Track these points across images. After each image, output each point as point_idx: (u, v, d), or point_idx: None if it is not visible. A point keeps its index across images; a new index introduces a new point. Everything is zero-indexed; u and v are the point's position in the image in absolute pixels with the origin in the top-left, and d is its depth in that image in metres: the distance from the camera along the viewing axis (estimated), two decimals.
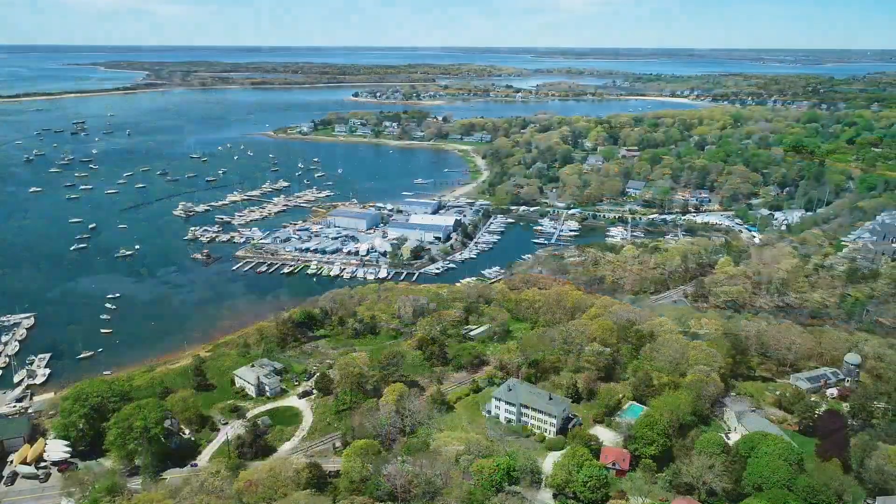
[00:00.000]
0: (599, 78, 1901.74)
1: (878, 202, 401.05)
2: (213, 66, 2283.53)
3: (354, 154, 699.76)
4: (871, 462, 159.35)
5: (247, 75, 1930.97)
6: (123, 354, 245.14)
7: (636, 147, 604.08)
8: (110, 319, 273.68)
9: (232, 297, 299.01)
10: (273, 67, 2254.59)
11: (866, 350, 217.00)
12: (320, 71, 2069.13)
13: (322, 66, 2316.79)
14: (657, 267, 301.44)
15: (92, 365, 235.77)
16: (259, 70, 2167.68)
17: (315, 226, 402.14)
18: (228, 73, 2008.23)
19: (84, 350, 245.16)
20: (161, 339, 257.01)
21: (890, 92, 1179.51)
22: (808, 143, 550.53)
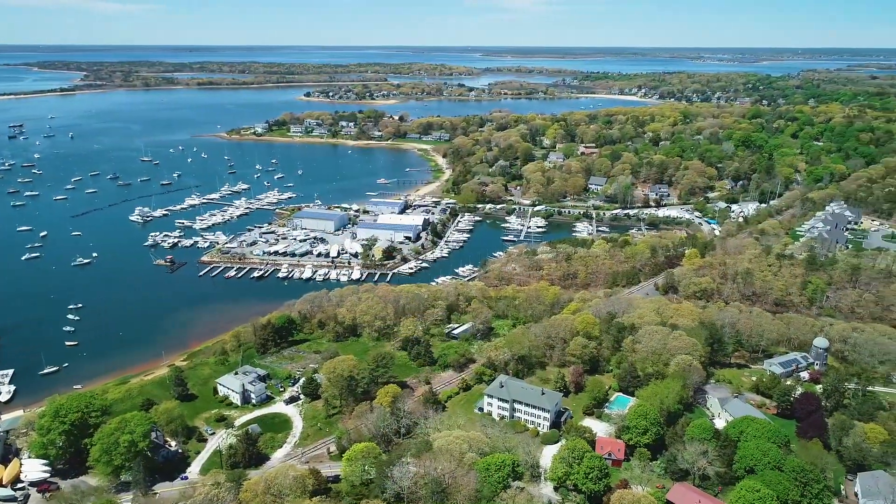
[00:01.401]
0: (549, 76, 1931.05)
1: (826, 193, 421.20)
2: (155, 66, 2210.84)
3: (312, 154, 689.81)
4: (849, 440, 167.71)
5: (192, 75, 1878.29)
6: (92, 367, 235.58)
7: (594, 144, 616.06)
8: (74, 331, 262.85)
9: (202, 304, 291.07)
10: (219, 67, 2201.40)
11: (832, 334, 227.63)
12: (268, 71, 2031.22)
13: (269, 65, 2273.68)
14: (628, 260, 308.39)
15: (59, 380, 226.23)
16: (204, 70, 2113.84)
17: (281, 228, 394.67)
18: (172, 73, 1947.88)
19: (48, 365, 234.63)
20: (132, 349, 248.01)
21: (823, 88, 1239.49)
22: (756, 139, 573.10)
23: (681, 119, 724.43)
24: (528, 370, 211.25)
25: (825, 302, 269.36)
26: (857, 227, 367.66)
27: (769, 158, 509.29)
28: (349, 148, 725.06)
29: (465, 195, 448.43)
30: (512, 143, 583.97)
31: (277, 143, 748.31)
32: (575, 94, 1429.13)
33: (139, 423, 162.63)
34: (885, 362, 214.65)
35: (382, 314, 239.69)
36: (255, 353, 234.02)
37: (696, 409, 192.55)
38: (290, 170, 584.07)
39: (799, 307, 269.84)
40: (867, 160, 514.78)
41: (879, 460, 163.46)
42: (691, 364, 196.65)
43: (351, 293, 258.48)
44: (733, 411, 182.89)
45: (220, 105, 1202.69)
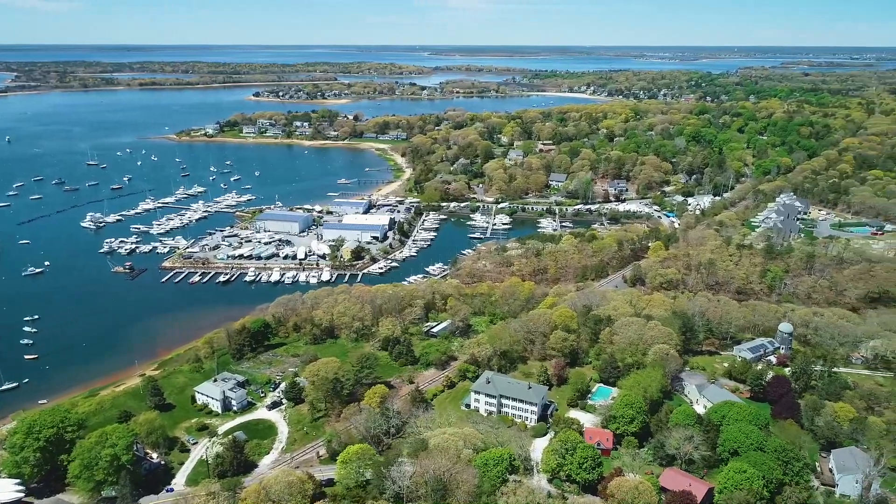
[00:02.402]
0: (499, 75, 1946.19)
1: (776, 185, 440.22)
2: (92, 66, 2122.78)
3: (267, 155, 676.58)
4: (821, 419, 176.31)
5: (133, 76, 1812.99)
6: (57, 381, 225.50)
7: (551, 141, 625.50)
8: (33, 344, 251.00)
9: (169, 311, 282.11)
10: (161, 67, 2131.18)
11: (794, 319, 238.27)
12: (213, 70, 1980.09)
13: (214, 65, 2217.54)
14: (596, 254, 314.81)
15: (21, 396, 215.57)
16: (146, 70, 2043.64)
17: (244, 231, 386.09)
18: (111, 73, 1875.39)
19: (7, 381, 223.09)
20: (98, 360, 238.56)
21: (761, 85, 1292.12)
22: (706, 134, 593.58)
23: (632, 116, 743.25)
24: (510, 365, 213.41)
25: (784, 289, 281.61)
26: (806, 217, 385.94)
27: (719, 153, 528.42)
28: (305, 148, 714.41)
29: (429, 194, 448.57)
30: (471, 142, 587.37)
31: (230, 145, 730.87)
32: (526, 92, 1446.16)
33: (121, 436, 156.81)
34: (844, 344, 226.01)
35: (360, 315, 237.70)
36: (230, 359, 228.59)
37: (675, 397, 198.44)
38: (246, 171, 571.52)
39: (760, 294, 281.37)
40: (809, 153, 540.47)
41: (849, 437, 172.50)
42: (668, 353, 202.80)
43: (326, 295, 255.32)
44: (711, 397, 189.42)
45: (166, 106, 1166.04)
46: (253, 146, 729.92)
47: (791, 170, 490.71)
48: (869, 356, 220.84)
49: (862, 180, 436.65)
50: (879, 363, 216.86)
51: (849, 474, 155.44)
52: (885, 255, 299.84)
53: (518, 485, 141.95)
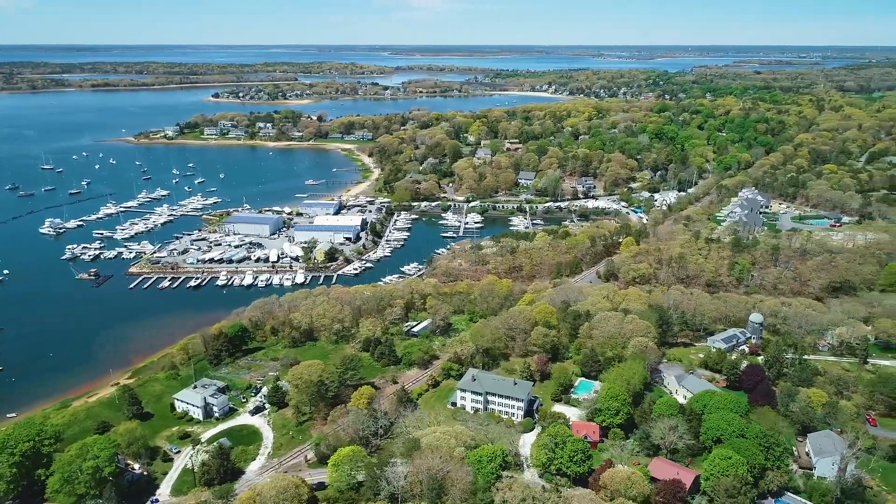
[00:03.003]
0: (461, 74, 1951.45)
1: (737, 180, 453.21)
2: (40, 66, 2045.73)
3: (231, 157, 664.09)
4: (796, 405, 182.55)
5: (84, 77, 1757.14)
6: (24, 393, 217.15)
7: (517, 140, 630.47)
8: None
9: (139, 318, 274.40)
10: (113, 68, 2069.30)
11: (764, 309, 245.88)
12: (169, 71, 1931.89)
13: (169, 65, 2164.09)
14: (569, 251, 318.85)
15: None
16: (97, 71, 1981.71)
17: (213, 235, 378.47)
18: (61, 74, 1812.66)
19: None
20: (67, 370, 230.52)
21: (717, 83, 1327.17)
22: (668, 131, 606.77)
23: (595, 114, 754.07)
24: (492, 362, 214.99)
25: (751, 280, 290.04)
26: (768, 211, 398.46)
27: (682, 150, 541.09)
28: (269, 149, 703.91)
29: (400, 194, 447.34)
30: (439, 141, 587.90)
31: (192, 147, 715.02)
32: (489, 91, 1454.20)
33: (103, 448, 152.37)
34: (811, 332, 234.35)
35: (340, 316, 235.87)
36: (207, 364, 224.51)
37: (655, 388, 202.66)
38: (210, 174, 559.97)
39: (728, 287, 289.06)
40: (766, 149, 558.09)
41: (823, 421, 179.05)
42: (647, 345, 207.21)
43: (304, 297, 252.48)
44: (690, 387, 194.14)
45: (121, 108, 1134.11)
46: (215, 148, 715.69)
47: (750, 165, 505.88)
48: (834, 343, 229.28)
49: (818, 174, 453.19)
50: (844, 349, 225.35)
51: (826, 457, 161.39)
52: (845, 246, 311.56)
53: (512, 480, 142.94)
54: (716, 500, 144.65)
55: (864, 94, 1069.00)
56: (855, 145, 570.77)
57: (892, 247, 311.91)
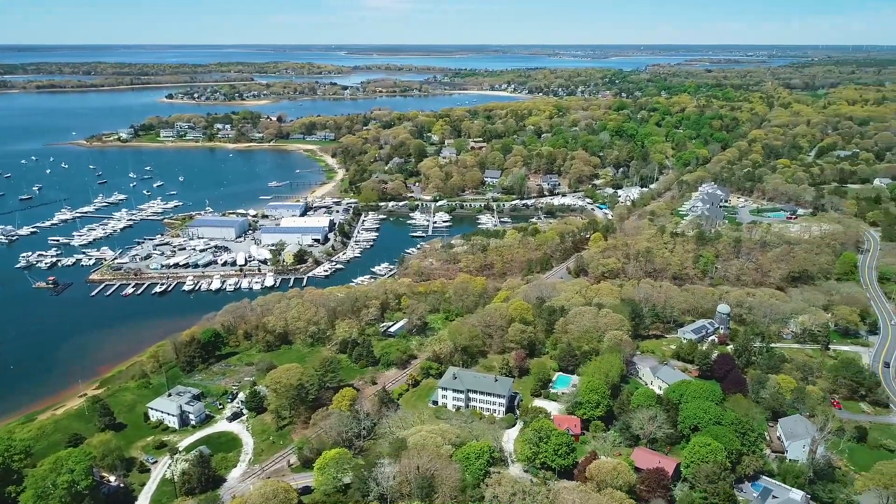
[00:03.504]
0: (419, 74, 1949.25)
1: (697, 175, 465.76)
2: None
3: (189, 160, 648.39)
4: (766, 392, 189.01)
5: (28, 78, 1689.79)
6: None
7: (480, 138, 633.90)
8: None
9: (104, 326, 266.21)
10: (59, 68, 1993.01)
11: (730, 300, 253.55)
12: (119, 72, 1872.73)
13: (119, 65, 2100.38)
14: (539, 248, 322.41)
15: None
16: (42, 71, 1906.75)
17: (176, 239, 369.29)
18: (3, 75, 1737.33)
19: None
20: (30, 383, 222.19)
21: (670, 81, 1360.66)
22: (628, 129, 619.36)
23: (556, 112, 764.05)
24: (471, 360, 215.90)
25: (715, 273, 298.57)
26: (727, 205, 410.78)
27: (642, 146, 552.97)
28: (229, 151, 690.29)
29: (367, 194, 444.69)
30: (403, 141, 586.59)
31: (147, 149, 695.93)
32: (448, 90, 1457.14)
33: (78, 461, 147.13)
34: (775, 321, 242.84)
35: (315, 319, 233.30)
36: (179, 372, 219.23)
37: (631, 380, 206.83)
38: (169, 177, 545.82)
39: (694, 279, 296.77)
40: (722, 145, 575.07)
41: (792, 406, 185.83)
42: (622, 339, 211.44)
43: (277, 300, 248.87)
44: (665, 378, 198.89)
45: (70, 110, 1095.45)
46: (173, 150, 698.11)
47: (708, 161, 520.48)
48: (797, 331, 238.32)
49: (773, 169, 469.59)
50: (807, 337, 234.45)
51: (797, 440, 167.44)
52: (802, 237, 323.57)
53: (501, 476, 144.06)
54: (697, 486, 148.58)
55: (810, 91, 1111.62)
56: (805, 140, 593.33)
57: (845, 237, 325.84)
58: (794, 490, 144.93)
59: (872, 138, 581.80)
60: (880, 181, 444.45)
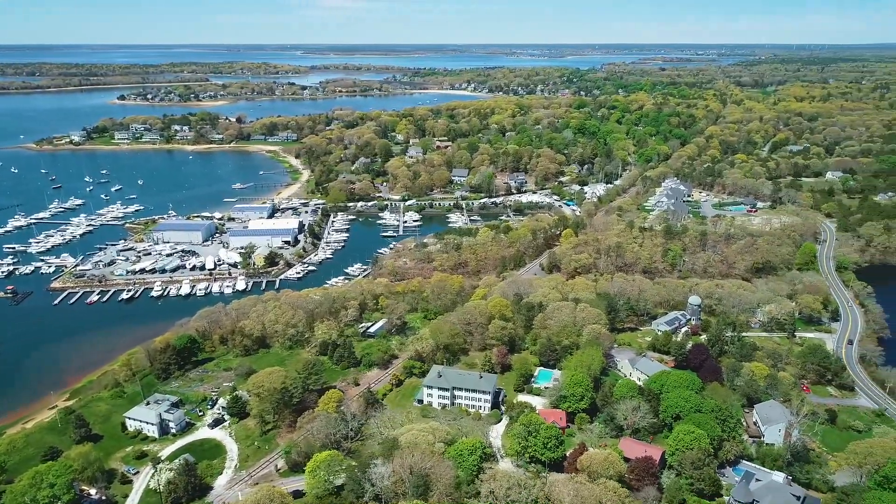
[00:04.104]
0: (378, 73, 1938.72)
1: (660, 171, 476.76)
2: None
3: (147, 162, 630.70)
4: (741, 379, 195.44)
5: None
6: None
7: (445, 137, 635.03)
8: None
9: (69, 335, 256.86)
10: (0, 69, 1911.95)
11: (700, 292, 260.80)
12: (65, 72, 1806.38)
13: (64, 66, 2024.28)
14: (512, 245, 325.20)
15: None
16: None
17: (140, 244, 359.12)
18: None
19: None
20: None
21: (626, 79, 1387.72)
22: (590, 126, 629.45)
23: (518, 111, 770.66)
24: (453, 358, 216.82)
25: (683, 265, 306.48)
26: (690, 199, 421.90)
27: (605, 144, 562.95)
28: (189, 153, 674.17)
29: (335, 194, 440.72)
30: (368, 140, 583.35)
31: (102, 152, 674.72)
32: (409, 90, 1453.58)
33: (59, 474, 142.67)
34: (744, 311, 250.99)
35: (293, 321, 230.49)
36: (154, 379, 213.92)
37: (610, 373, 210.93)
38: (127, 180, 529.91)
39: (663, 272, 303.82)
40: (681, 141, 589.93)
41: (765, 392, 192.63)
42: (601, 332, 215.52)
43: (252, 304, 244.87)
44: (644, 369, 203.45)
45: (15, 112, 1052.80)
46: (129, 153, 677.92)
47: (669, 157, 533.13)
48: (764, 320, 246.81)
49: (731, 164, 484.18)
50: (774, 325, 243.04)
51: (773, 425, 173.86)
52: (763, 229, 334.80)
53: (496, 471, 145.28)
54: (683, 473, 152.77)
55: (759, 89, 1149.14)
56: (759, 136, 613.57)
57: (803, 229, 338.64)
58: (776, 472, 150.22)
59: (821, 133, 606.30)
60: (832, 174, 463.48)
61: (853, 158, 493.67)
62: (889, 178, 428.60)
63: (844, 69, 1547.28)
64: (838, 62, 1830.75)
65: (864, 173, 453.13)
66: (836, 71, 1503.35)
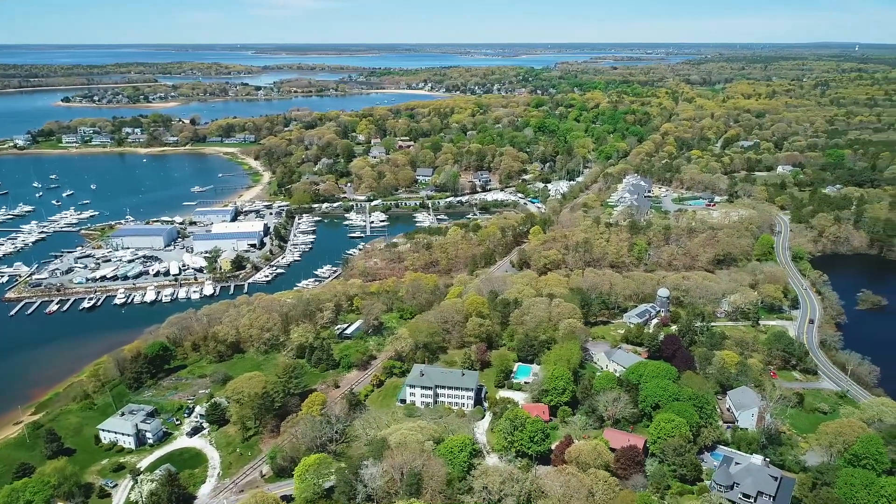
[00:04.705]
0: (333, 73, 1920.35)
1: (620, 168, 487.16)
2: None
3: (99, 166, 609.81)
4: (713, 367, 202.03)
5: None
6: None
7: (407, 137, 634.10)
8: None
9: (30, 347, 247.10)
10: None
11: (668, 284, 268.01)
12: (2, 73, 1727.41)
13: (1, 66, 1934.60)
14: (482, 243, 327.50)
15: None
16: None
17: (99, 251, 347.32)
18: None
19: None
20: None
21: (580, 78, 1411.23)
22: (550, 124, 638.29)
23: (478, 110, 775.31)
24: (432, 356, 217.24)
25: (649, 259, 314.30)
26: (651, 195, 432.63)
27: (566, 141, 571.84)
28: (143, 156, 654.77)
29: (299, 196, 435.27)
30: (330, 141, 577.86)
31: (49, 157, 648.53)
32: (366, 90, 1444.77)
33: (36, 490, 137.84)
34: (710, 302, 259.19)
35: (269, 325, 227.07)
36: (125, 389, 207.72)
37: (587, 366, 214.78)
38: (79, 185, 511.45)
39: (630, 266, 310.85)
40: (638, 138, 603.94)
41: (736, 378, 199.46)
42: (577, 326, 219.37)
43: (225, 308, 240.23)
44: (620, 361, 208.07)
45: None
46: (78, 157, 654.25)
47: (628, 154, 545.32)
48: (729, 310, 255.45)
49: (688, 159, 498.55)
50: (738, 314, 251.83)
51: (746, 410, 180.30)
52: (723, 222, 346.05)
53: (487, 466, 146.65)
54: (666, 460, 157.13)
55: (708, 87, 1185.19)
56: (711, 132, 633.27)
57: (760, 221, 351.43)
58: (755, 455, 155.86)
59: (770, 129, 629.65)
60: (783, 168, 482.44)
61: (801, 153, 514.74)
62: (836, 172, 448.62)
63: (786, 67, 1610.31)
64: (779, 60, 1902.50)
65: (813, 167, 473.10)
66: (778, 69, 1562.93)
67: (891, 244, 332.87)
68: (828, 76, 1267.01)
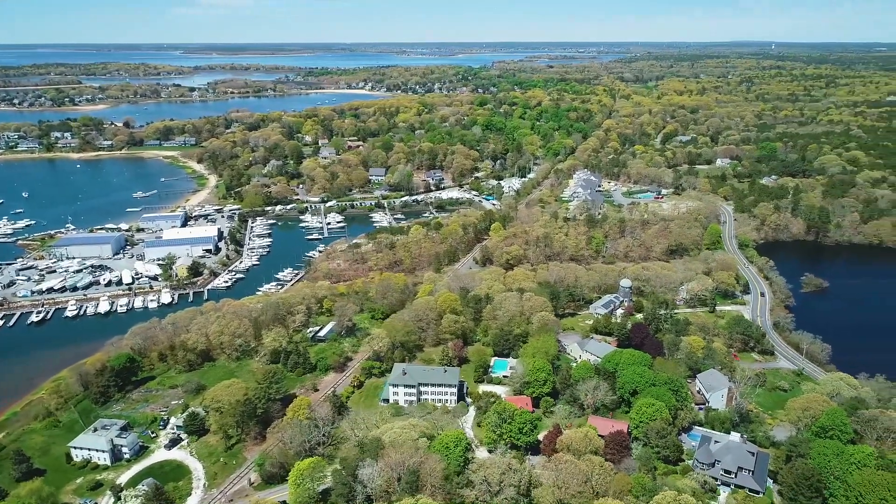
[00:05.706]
0: (268, 73, 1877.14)
1: (569, 164, 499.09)
2: None
3: (29, 173, 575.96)
4: (681, 353, 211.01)
5: None
6: None
7: (355, 137, 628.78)
8: None
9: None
10: None
11: (629, 275, 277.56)
12: None
13: None
14: (444, 241, 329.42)
15: None
16: None
17: (41, 262, 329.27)
18: None
19: None
20: None
21: (519, 76, 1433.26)
22: (497, 123, 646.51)
23: (423, 109, 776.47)
24: (409, 355, 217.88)
25: (607, 251, 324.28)
26: (602, 189, 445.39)
27: (514, 139, 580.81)
28: (76, 161, 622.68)
29: (251, 199, 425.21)
30: (277, 142, 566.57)
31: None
32: (304, 90, 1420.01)
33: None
34: (669, 290, 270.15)
35: (240, 331, 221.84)
36: (91, 404, 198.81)
37: (562, 357, 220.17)
38: (9, 193, 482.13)
39: (589, 259, 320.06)
40: (583, 135, 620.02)
41: (703, 362, 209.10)
42: (549, 319, 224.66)
43: (192, 316, 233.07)
44: (593, 350, 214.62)
45: None
46: (2, 164, 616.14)
47: (574, 150, 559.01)
48: (687, 297, 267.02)
49: (633, 154, 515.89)
50: (696, 301, 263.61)
51: (716, 391, 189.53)
52: (674, 214, 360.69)
53: (485, 458, 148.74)
54: (650, 443, 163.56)
55: (641, 84, 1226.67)
56: (650, 128, 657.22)
57: (707, 211, 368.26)
58: (733, 433, 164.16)
59: (704, 124, 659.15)
60: (721, 161, 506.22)
61: (737, 146, 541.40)
62: (770, 164, 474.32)
63: (711, 65, 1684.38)
64: (704, 59, 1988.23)
65: (749, 159, 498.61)
66: (704, 66, 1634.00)
67: (826, 230, 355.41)
68: (751, 73, 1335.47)
